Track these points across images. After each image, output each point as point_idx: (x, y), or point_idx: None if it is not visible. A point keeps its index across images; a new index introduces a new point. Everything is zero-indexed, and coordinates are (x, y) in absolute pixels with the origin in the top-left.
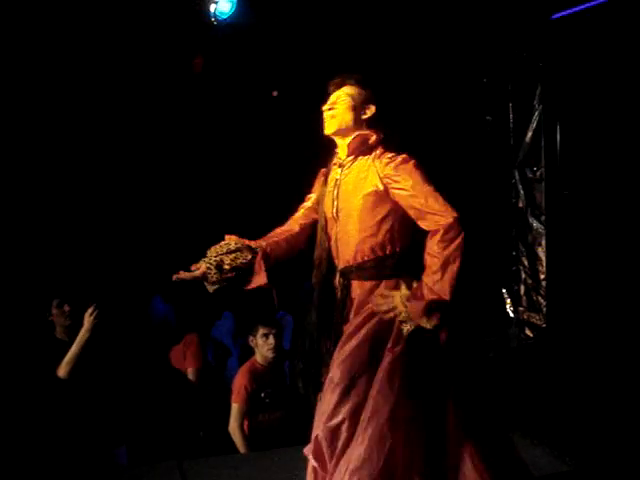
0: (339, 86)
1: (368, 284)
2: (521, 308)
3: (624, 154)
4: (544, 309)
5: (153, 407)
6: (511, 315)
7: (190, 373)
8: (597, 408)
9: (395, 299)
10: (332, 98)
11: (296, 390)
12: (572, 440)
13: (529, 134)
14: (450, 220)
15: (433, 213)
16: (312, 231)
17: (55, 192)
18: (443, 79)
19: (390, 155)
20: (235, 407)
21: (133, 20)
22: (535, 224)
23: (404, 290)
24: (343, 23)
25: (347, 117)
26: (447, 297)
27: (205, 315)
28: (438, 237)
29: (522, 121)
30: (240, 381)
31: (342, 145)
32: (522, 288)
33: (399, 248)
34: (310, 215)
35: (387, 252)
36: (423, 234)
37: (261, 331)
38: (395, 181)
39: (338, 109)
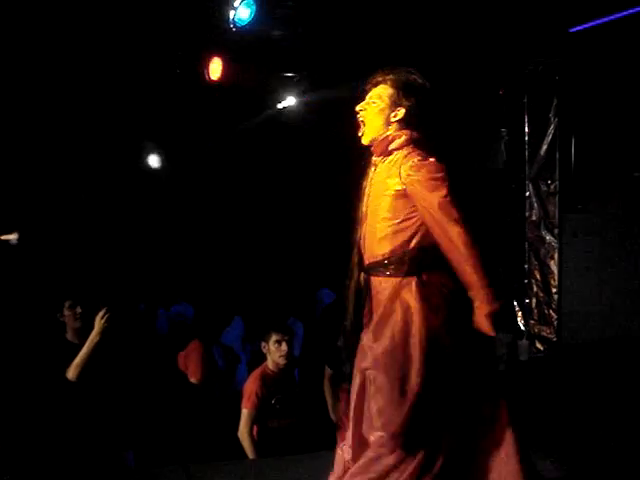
0: (375, 85)
1: (387, 280)
2: (532, 321)
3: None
4: (555, 322)
5: (160, 410)
6: (522, 328)
7: (192, 379)
8: (605, 422)
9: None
10: (366, 99)
11: (306, 397)
12: (580, 453)
13: (544, 147)
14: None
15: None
16: None
17: (68, 196)
18: (460, 90)
19: (417, 157)
20: (245, 412)
21: (153, 26)
22: (548, 237)
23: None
24: (361, 31)
25: (376, 122)
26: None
27: (215, 320)
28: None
29: (537, 134)
30: (251, 387)
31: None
32: (534, 301)
33: (419, 246)
34: None
35: (407, 249)
36: None
37: (274, 337)
38: (413, 187)
39: (367, 114)
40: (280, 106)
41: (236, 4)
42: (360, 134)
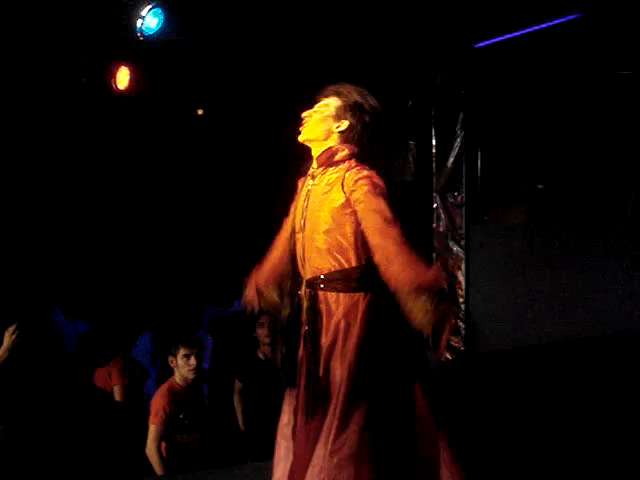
0: (326, 96)
1: (334, 296)
2: None
3: (542, 181)
4: (463, 332)
5: (67, 429)
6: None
7: (116, 391)
8: (514, 432)
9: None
10: (314, 107)
11: (216, 411)
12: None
13: (450, 160)
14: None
15: (381, 234)
16: None
17: None
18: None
19: (358, 170)
20: (153, 428)
21: (56, 34)
22: (455, 248)
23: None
24: (269, 39)
25: (319, 127)
26: None
27: (125, 334)
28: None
29: (444, 147)
30: (158, 402)
31: (315, 156)
32: None
33: (365, 261)
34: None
35: (353, 264)
36: None
37: (182, 352)
38: (354, 197)
39: (312, 118)
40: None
41: (144, 13)
42: (298, 133)
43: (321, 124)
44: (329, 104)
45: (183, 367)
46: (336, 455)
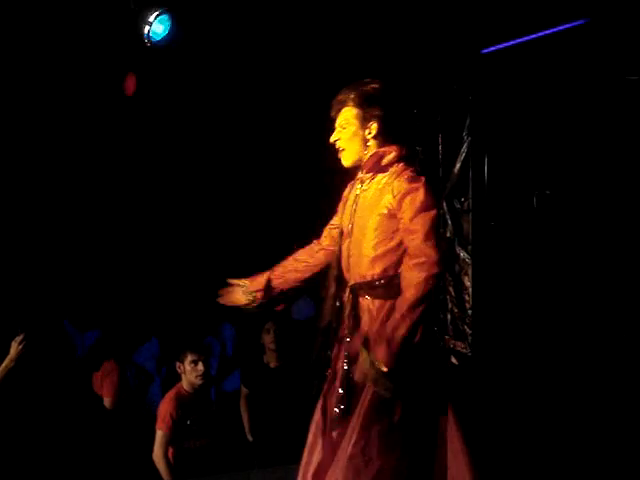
0: (339, 110)
1: (377, 302)
2: (447, 336)
3: (549, 186)
4: (469, 338)
5: (72, 434)
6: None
7: (106, 402)
8: (520, 436)
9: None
10: (336, 127)
11: (223, 417)
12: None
13: (457, 165)
14: (430, 272)
15: (417, 256)
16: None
17: None
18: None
19: (409, 176)
20: (160, 434)
21: (65, 40)
22: (462, 254)
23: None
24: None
25: (354, 146)
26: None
27: (128, 340)
28: (412, 289)
29: (451, 152)
30: (166, 408)
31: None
32: (448, 317)
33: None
34: (331, 234)
35: (397, 272)
36: None
37: (190, 357)
38: (400, 207)
39: (342, 140)
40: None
41: (151, 19)
42: (340, 158)
43: (354, 141)
44: (347, 118)
45: (191, 373)
46: (354, 459)
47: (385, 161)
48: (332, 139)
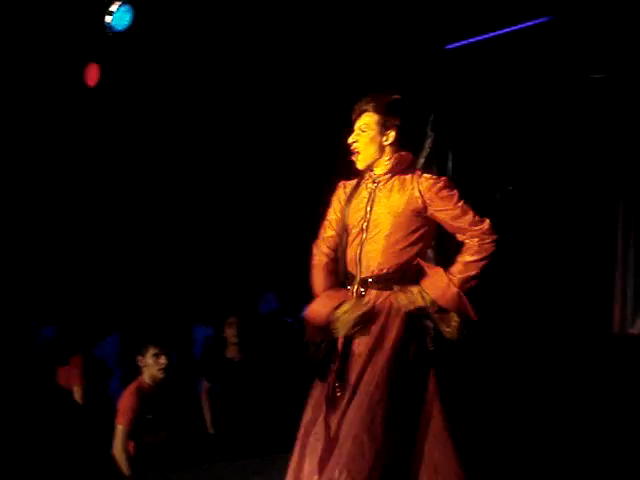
0: (359, 115)
1: (385, 293)
2: None
3: (512, 182)
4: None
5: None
6: None
7: (76, 392)
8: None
9: (414, 292)
10: (355, 129)
11: (182, 410)
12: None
13: (421, 161)
14: (485, 235)
15: (471, 230)
16: None
17: None
18: (340, 104)
19: (432, 176)
20: (120, 428)
21: (28, 30)
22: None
23: (418, 286)
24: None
25: (370, 150)
26: (463, 290)
27: (89, 335)
28: (478, 247)
29: (415, 148)
30: (126, 402)
31: (378, 163)
32: None
33: (419, 259)
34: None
35: (411, 263)
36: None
37: (152, 351)
38: (437, 203)
39: (360, 143)
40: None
41: (113, 9)
42: (354, 160)
43: (371, 145)
44: (368, 123)
45: (153, 366)
46: (360, 436)
47: (406, 164)
48: (350, 140)
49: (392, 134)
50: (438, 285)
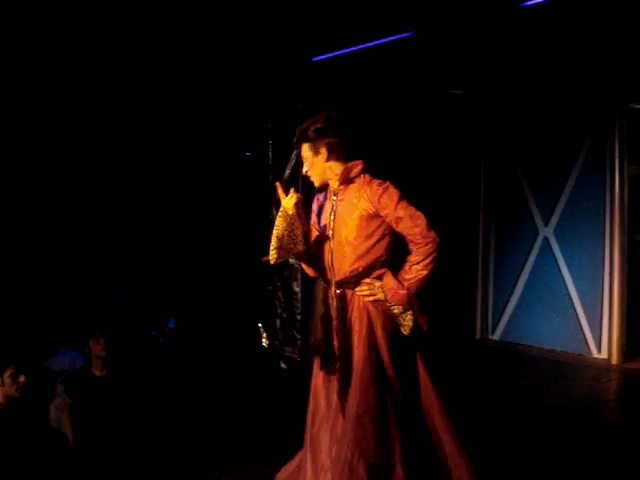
0: (297, 148)
1: (357, 288)
2: (276, 342)
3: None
4: (299, 342)
5: None
6: (267, 348)
7: None
8: None
9: (376, 286)
10: (303, 160)
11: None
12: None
13: (287, 171)
14: (420, 238)
15: (409, 234)
16: None
17: None
18: (208, 116)
19: (377, 182)
20: None
21: None
22: (291, 260)
23: (381, 281)
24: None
25: (317, 171)
26: (412, 292)
27: None
28: (416, 250)
29: (281, 158)
30: None
31: (330, 177)
32: (278, 322)
33: (387, 256)
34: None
35: (380, 260)
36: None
37: (9, 370)
38: (381, 209)
39: (308, 169)
40: None
41: None
42: (312, 181)
43: (317, 167)
44: (304, 153)
45: (10, 386)
46: (361, 418)
47: (353, 174)
48: (304, 171)
49: (323, 151)
50: (391, 286)
